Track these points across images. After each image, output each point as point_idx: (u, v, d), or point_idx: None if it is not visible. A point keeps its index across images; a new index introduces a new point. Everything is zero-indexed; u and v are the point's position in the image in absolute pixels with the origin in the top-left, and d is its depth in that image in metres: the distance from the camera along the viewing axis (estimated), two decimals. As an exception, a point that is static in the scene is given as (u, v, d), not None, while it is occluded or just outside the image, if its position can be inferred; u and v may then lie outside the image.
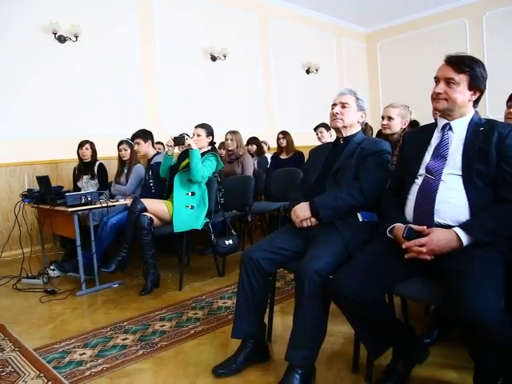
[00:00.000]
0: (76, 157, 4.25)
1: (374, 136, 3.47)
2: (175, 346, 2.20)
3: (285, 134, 5.22)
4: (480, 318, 1.27)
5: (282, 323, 2.41)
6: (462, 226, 1.50)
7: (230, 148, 4.57)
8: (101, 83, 5.20)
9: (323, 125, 4.65)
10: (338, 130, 2.12)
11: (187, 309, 2.71)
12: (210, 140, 3.41)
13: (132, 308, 2.79)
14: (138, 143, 3.74)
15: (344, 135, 2.11)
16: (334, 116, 2.09)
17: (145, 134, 3.78)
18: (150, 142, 3.78)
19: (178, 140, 3.21)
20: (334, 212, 1.91)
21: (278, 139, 5.26)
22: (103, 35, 5.22)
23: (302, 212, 1.97)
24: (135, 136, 3.77)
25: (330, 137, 4.53)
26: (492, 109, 6.95)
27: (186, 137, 3.19)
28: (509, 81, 6.30)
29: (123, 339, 2.31)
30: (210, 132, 3.41)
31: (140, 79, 5.59)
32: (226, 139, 4.60)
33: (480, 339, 1.34)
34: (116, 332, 2.41)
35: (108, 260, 3.28)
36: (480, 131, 1.61)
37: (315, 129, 4.74)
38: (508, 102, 2.43)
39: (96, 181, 4.07)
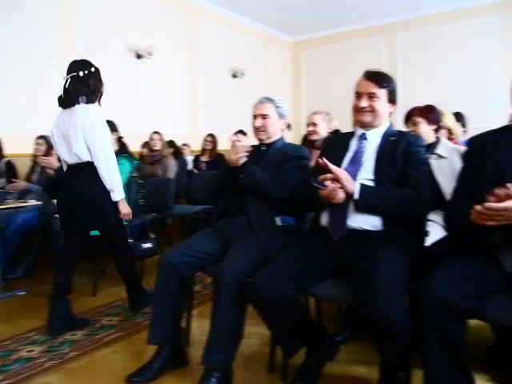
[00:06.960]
0: None
1: (300, 143, 3.58)
2: (87, 356, 2.08)
3: (213, 137, 5.36)
4: (385, 315, 1.38)
5: (200, 327, 2.37)
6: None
7: (157, 148, 4.45)
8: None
9: (240, 131, 4.74)
10: None
11: (101, 315, 2.59)
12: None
13: (40, 317, 2.57)
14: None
15: (266, 142, 2.16)
16: (256, 129, 2.13)
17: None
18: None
19: None
20: (254, 185, 1.96)
21: (206, 141, 5.32)
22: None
23: (240, 149, 2.00)
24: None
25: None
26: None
27: None
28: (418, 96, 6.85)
29: (29, 351, 2.14)
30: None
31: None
32: (153, 139, 4.46)
33: (385, 334, 1.44)
34: (21, 344, 2.23)
35: (14, 265, 3.03)
36: (391, 140, 1.75)
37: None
38: (406, 122, 2.48)
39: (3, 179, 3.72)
